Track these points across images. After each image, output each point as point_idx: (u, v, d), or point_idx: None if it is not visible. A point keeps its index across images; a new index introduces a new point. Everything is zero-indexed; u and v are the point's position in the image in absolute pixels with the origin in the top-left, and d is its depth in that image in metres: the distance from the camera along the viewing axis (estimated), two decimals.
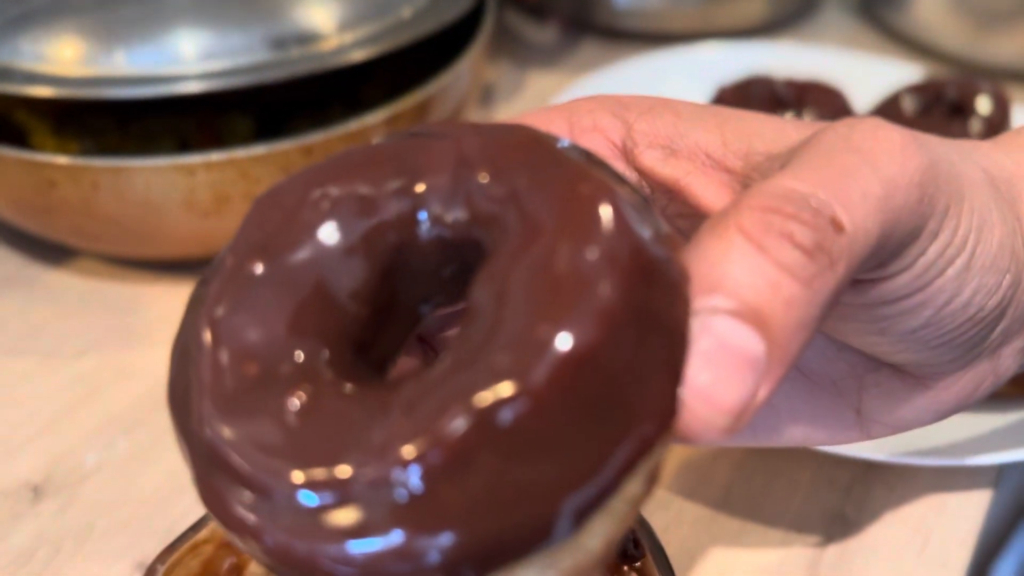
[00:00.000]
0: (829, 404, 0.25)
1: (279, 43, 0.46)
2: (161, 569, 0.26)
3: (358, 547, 0.16)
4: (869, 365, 0.25)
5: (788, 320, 0.17)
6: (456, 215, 0.19)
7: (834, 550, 0.36)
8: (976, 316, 0.22)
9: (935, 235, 0.21)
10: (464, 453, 0.16)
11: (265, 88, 0.45)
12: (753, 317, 0.17)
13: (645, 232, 0.17)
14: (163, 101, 0.46)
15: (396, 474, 0.16)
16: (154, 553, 0.26)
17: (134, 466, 0.39)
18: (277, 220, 0.19)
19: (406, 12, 0.50)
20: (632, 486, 0.17)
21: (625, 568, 0.26)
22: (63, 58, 0.45)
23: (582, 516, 0.16)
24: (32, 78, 0.44)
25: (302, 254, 0.19)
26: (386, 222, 0.19)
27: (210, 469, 0.18)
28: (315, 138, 0.44)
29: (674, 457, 0.39)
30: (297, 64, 0.46)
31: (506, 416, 0.16)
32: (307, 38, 0.47)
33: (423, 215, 0.19)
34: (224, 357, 0.18)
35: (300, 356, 0.18)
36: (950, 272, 0.21)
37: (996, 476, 0.39)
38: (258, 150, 0.44)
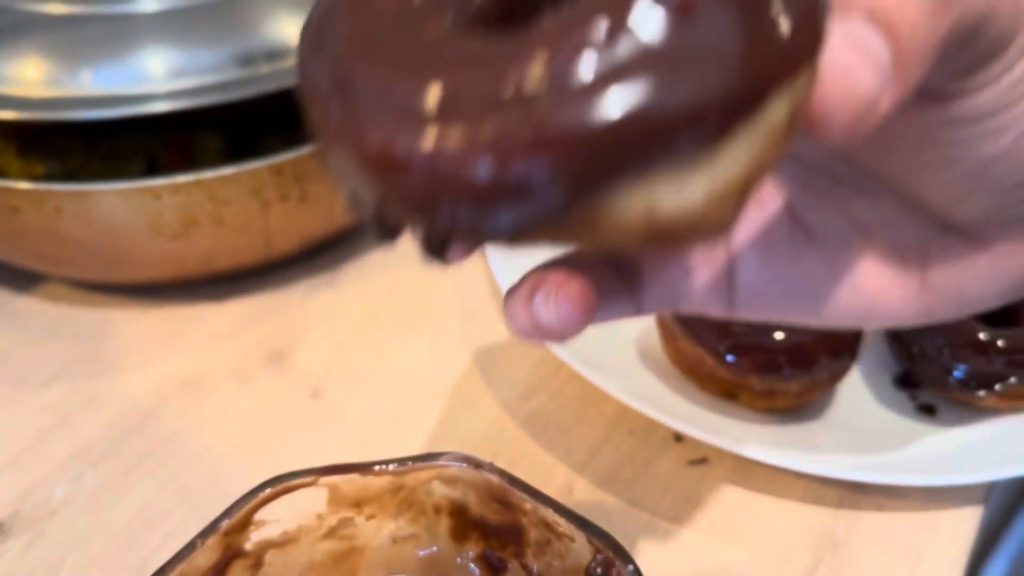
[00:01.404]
0: (893, 273, 0.25)
1: (248, 60, 0.45)
2: None
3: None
4: (936, 230, 0.25)
5: (913, 40, 0.18)
6: None
7: (825, 571, 0.35)
8: None
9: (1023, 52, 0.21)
10: (612, 31, 0.15)
11: (235, 106, 0.44)
12: (884, 25, 0.18)
13: None
14: (131, 121, 0.45)
15: (554, 66, 0.15)
16: None
17: (104, 499, 0.38)
18: None
19: None
20: (775, 109, 0.17)
21: None
22: (27, 79, 0.44)
23: (727, 120, 0.16)
24: None
25: None
26: None
27: (332, 88, 0.17)
28: (284, 158, 0.43)
29: (658, 480, 0.38)
30: (266, 81, 0.45)
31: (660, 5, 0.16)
32: (276, 54, 0.46)
33: None
34: None
35: None
36: None
37: (986, 492, 0.38)
38: (225, 171, 0.42)
